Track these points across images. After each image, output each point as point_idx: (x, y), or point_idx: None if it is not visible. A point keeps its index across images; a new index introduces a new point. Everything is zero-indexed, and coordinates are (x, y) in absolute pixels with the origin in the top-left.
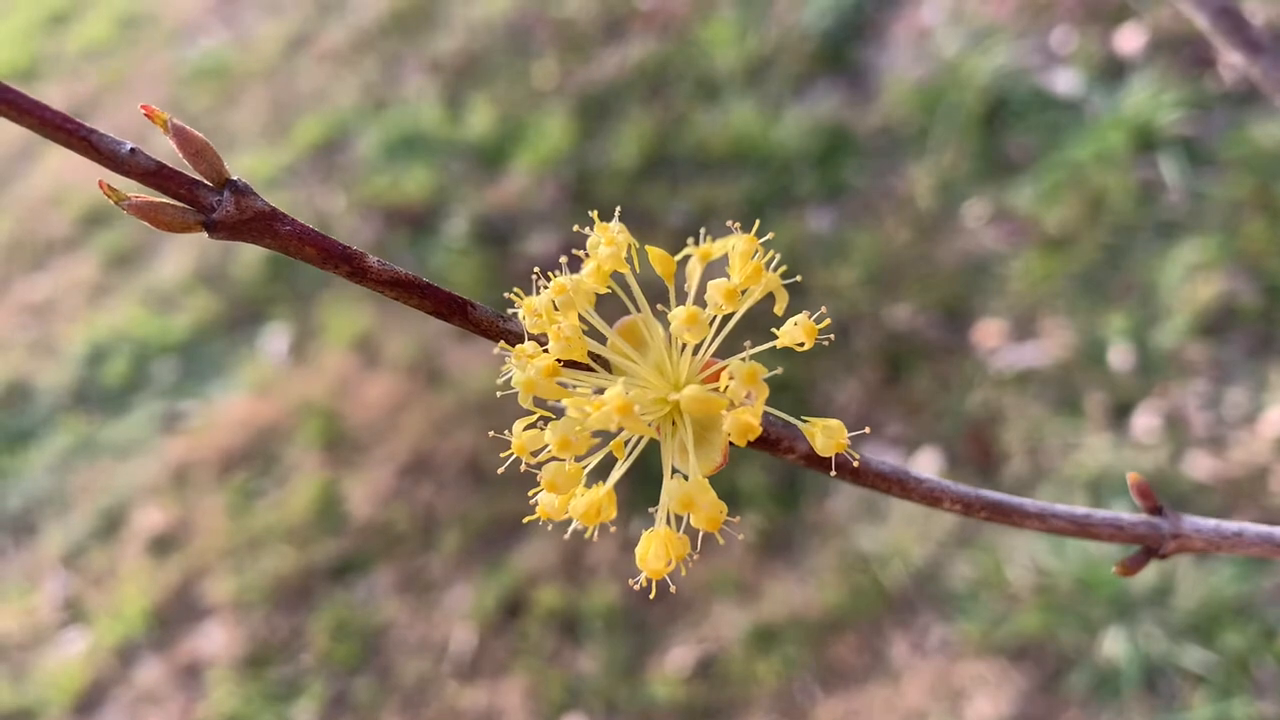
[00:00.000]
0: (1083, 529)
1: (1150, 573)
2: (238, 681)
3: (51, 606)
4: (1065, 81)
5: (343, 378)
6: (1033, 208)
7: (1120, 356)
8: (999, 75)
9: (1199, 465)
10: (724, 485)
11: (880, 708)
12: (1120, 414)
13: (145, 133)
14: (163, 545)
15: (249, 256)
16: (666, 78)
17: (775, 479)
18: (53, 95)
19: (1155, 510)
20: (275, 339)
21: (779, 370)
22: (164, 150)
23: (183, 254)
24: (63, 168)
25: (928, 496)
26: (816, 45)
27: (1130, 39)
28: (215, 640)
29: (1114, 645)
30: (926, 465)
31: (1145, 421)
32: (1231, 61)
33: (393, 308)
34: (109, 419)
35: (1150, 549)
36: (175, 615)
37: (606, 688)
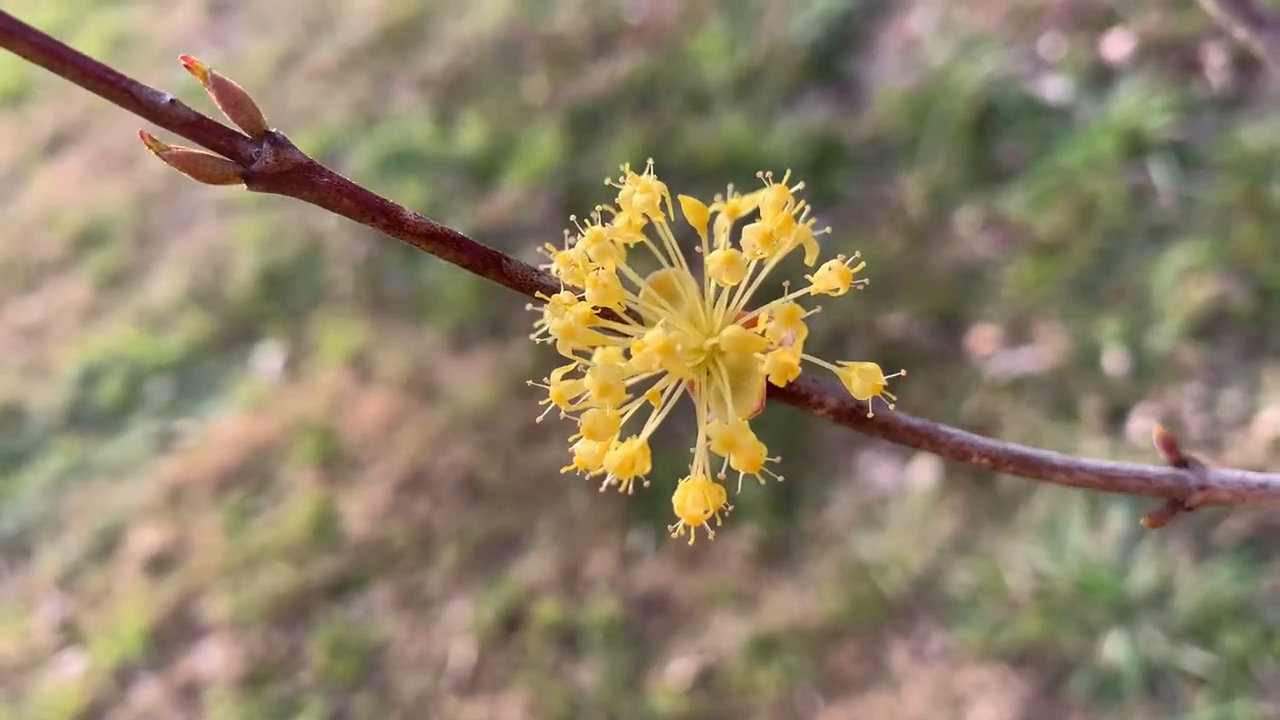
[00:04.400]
0: (1110, 482)
1: (1149, 575)
2: (236, 701)
3: (47, 629)
4: (1054, 88)
5: (337, 394)
6: (1024, 214)
7: (1114, 361)
8: (988, 83)
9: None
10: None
11: (881, 716)
12: (1116, 418)
13: (139, 151)
14: (159, 565)
15: (242, 275)
16: (657, 91)
17: (773, 489)
18: (42, 118)
19: (1181, 463)
20: (269, 357)
21: (818, 309)
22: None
23: (174, 273)
24: (53, 189)
25: (957, 450)
26: (806, 56)
27: (1118, 45)
28: (213, 660)
29: (1114, 649)
30: (922, 473)
31: (1141, 425)
32: (1221, 60)
33: (388, 323)
34: (103, 440)
35: (1177, 501)
36: (172, 635)
37: (607, 700)
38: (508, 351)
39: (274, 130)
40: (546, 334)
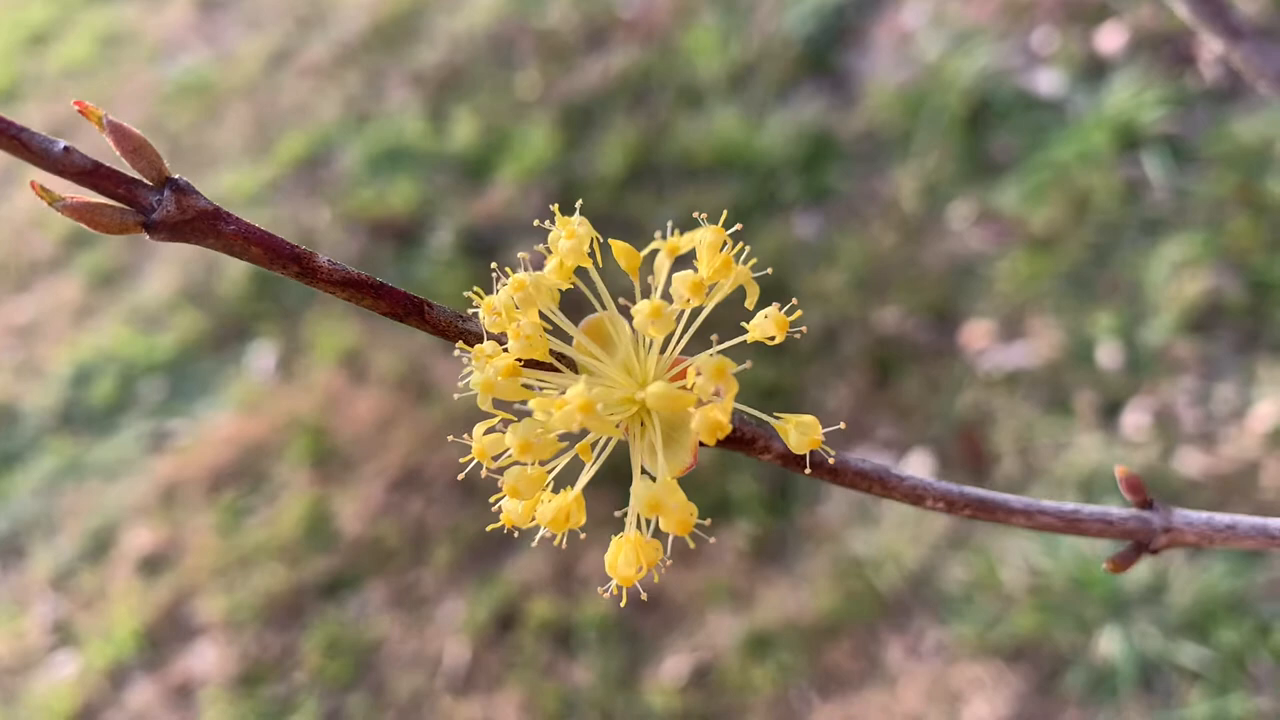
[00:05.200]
0: (1071, 525)
1: (1144, 570)
2: (230, 701)
3: (41, 630)
4: (1047, 82)
5: (331, 394)
6: (1018, 208)
7: (1109, 355)
8: (981, 77)
9: (1190, 462)
10: (715, 493)
11: (877, 712)
12: (1110, 412)
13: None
14: (152, 565)
15: (235, 273)
16: (650, 86)
17: (767, 486)
18: (33, 116)
19: (1145, 504)
20: (262, 356)
21: (748, 364)
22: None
23: (167, 272)
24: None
25: (910, 494)
26: (799, 51)
27: (1111, 38)
28: (207, 660)
29: (1109, 644)
30: (917, 467)
31: (1135, 419)
32: (1214, 52)
33: (381, 323)
34: (96, 440)
35: (1141, 544)
36: (166, 636)
37: (602, 699)
38: None
39: (176, 176)
40: (469, 387)
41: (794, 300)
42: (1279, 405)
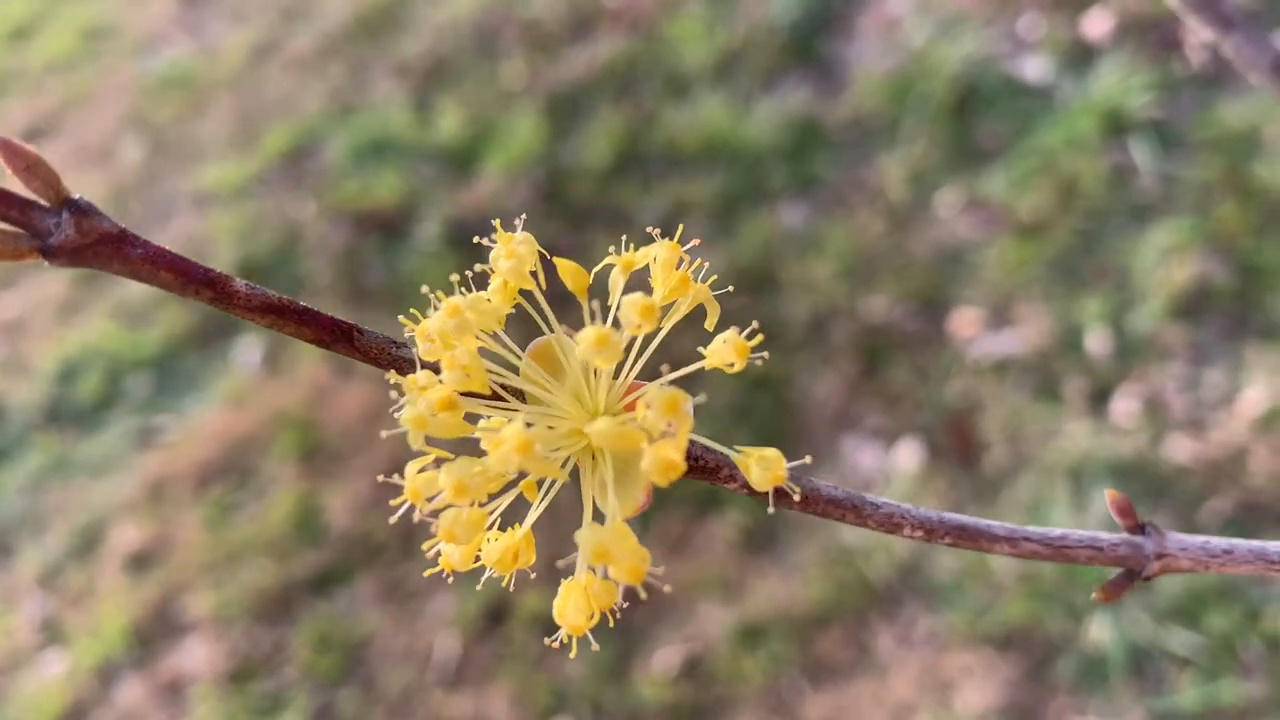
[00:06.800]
0: (1057, 552)
1: None
2: (221, 697)
3: (29, 628)
4: (1034, 68)
5: (318, 387)
6: (1005, 195)
7: (1097, 341)
8: (968, 64)
9: (1179, 448)
10: (706, 485)
11: (868, 701)
12: (1099, 399)
13: (115, 144)
14: (141, 562)
15: (220, 267)
16: (636, 75)
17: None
18: (15, 111)
19: (1137, 528)
20: (248, 350)
21: (702, 398)
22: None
23: None
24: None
25: (885, 522)
26: (785, 39)
27: (1097, 24)
28: (197, 656)
29: (1100, 631)
30: (907, 456)
31: (1124, 406)
32: (1203, 41)
33: (368, 314)
34: (83, 436)
35: (1133, 571)
36: (155, 633)
37: (593, 691)
38: None
39: (76, 196)
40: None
41: (754, 324)
42: (1267, 390)
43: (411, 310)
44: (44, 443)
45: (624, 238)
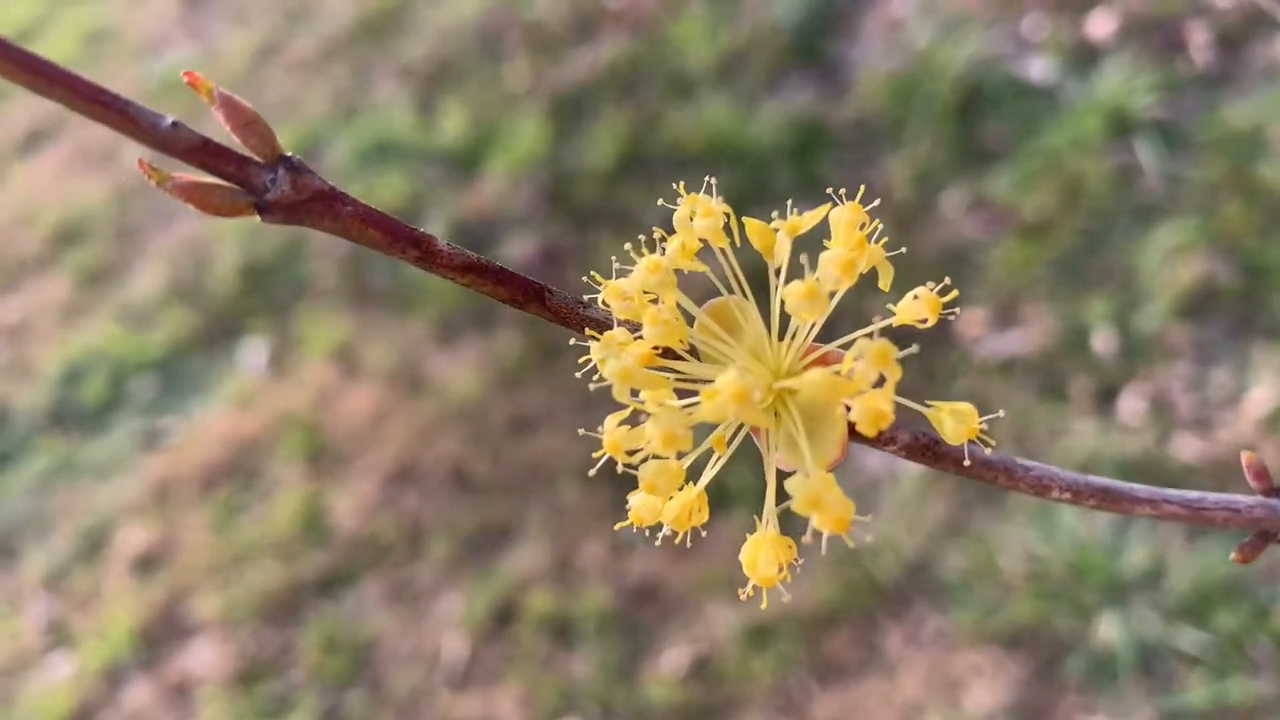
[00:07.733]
0: (1196, 514)
1: (1141, 555)
2: (228, 699)
3: (35, 631)
4: (1038, 69)
5: (323, 389)
6: (1010, 196)
7: (1103, 341)
8: (972, 64)
9: (1186, 447)
10: (712, 485)
11: (877, 701)
12: (1105, 398)
13: (117, 146)
14: (147, 564)
15: (224, 270)
16: (639, 76)
17: (762, 477)
18: (17, 113)
19: (1272, 491)
20: (253, 352)
21: (914, 349)
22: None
23: (156, 269)
24: (30, 186)
25: (1035, 485)
26: (788, 39)
27: (1101, 24)
28: (204, 659)
29: (1109, 630)
30: None
31: (1131, 405)
32: (1201, 43)
33: (372, 317)
34: (88, 439)
35: (1268, 533)
36: (162, 635)
37: (601, 691)
38: (494, 343)
39: (290, 154)
40: (594, 376)
41: (947, 279)
42: (1273, 390)
43: (593, 273)
44: (49, 445)
45: (789, 202)
